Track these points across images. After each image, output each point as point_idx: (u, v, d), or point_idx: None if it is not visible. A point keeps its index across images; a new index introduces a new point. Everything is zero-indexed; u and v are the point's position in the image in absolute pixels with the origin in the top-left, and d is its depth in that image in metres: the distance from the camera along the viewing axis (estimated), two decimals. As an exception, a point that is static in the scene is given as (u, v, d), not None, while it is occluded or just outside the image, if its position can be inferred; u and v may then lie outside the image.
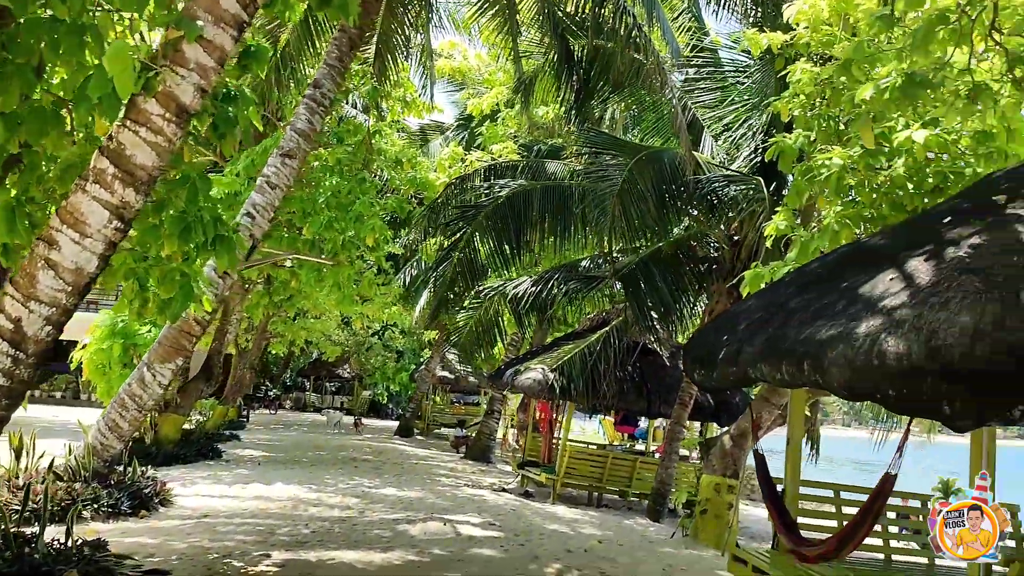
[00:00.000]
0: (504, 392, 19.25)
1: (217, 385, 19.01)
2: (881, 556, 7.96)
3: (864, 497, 9.83)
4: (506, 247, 13.18)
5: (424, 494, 12.84)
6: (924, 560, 8.15)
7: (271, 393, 41.32)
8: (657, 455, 15.79)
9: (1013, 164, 6.93)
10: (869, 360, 4.97)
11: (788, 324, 6.08)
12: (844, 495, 8.05)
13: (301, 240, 15.12)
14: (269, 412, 38.06)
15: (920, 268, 5.52)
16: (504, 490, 15.43)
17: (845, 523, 6.24)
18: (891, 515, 8.47)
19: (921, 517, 8.59)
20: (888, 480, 5.78)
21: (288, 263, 16.13)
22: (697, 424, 17.83)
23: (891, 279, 5.61)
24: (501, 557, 8.54)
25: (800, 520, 7.61)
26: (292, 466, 15.66)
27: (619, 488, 15.27)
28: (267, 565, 7.38)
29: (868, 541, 7.96)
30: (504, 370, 16.65)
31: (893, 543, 8.16)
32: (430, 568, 7.76)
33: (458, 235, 13.38)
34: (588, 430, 38.46)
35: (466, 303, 17.59)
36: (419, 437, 29.58)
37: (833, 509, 7.99)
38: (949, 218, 6.17)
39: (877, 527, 7.94)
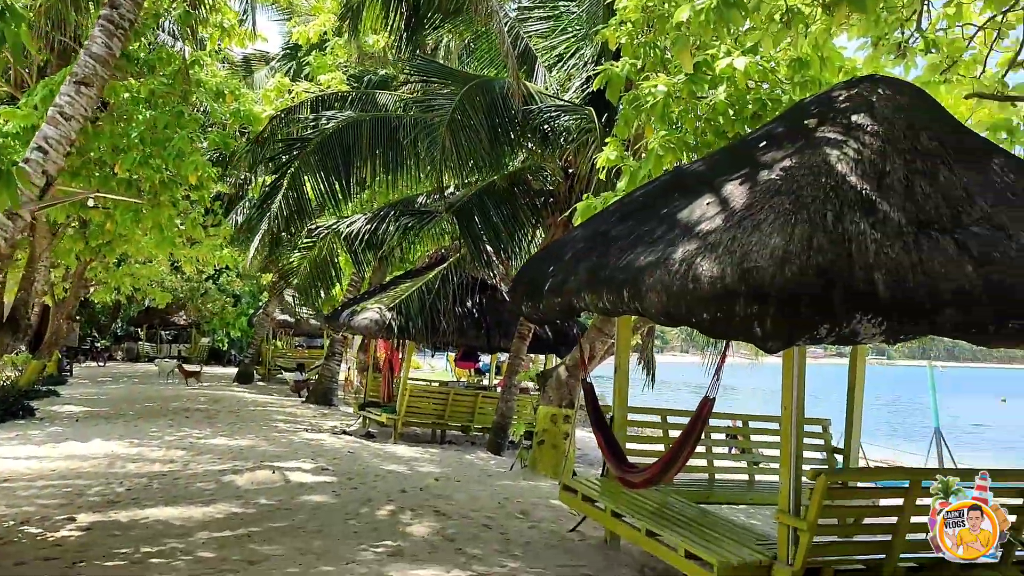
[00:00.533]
0: (343, 333, 18.77)
1: (29, 338, 17.49)
2: (706, 476, 8.22)
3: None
4: (336, 183, 12.58)
5: (257, 442, 12.33)
6: (745, 477, 8.50)
7: (98, 344, 38.89)
8: (500, 389, 15.85)
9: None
10: (684, 285, 4.92)
11: (609, 252, 6.00)
12: (672, 419, 8.22)
13: (116, 179, 13.93)
14: (98, 364, 35.86)
15: (735, 192, 5.52)
16: (345, 433, 15.10)
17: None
18: (721, 436, 8.67)
19: (743, 436, 8.93)
20: (706, 404, 5.86)
21: (98, 204, 14.87)
22: (542, 357, 18.03)
23: (708, 203, 5.59)
24: (332, 503, 8.26)
25: (631, 447, 7.72)
26: (115, 421, 14.71)
27: (462, 424, 15.25)
28: (70, 530, 6.80)
29: (696, 462, 8.22)
30: (341, 311, 16.18)
31: (721, 463, 8.45)
32: (255, 520, 7.39)
33: (283, 170, 12.65)
34: (438, 368, 38.55)
35: (299, 243, 16.89)
36: (260, 383, 28.65)
37: (661, 434, 8.15)
38: (764, 143, 6.21)
39: (702, 448, 8.18)
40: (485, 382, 30.80)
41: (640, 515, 6.32)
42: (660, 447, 7.86)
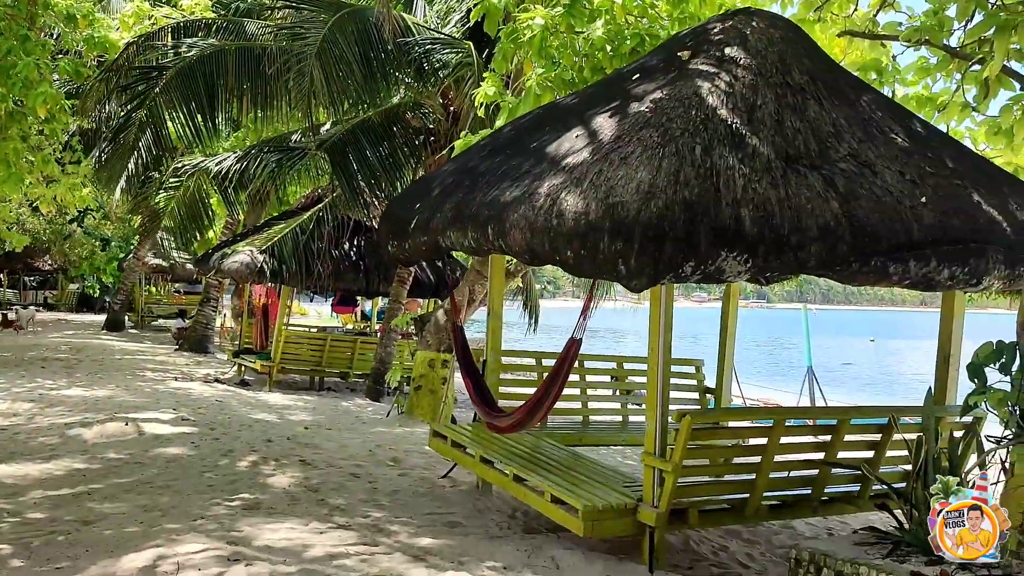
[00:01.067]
0: (218, 278, 17.94)
1: None
2: (580, 419, 8.13)
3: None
4: (199, 117, 11.77)
5: (117, 392, 11.60)
6: (619, 418, 8.45)
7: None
8: (379, 335, 15.46)
9: (700, 23, 6.83)
10: (548, 221, 4.67)
11: (476, 188, 5.68)
12: (547, 363, 8.05)
13: (-47, 110, 12.69)
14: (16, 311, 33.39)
15: (605, 125, 5.26)
16: (218, 381, 14.45)
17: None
18: (606, 379, 8.57)
19: (619, 378, 8.87)
20: (572, 345, 5.67)
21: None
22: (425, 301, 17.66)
23: (577, 136, 5.33)
24: (189, 455, 7.78)
25: (505, 391, 7.54)
26: (-45, 373, 13.59)
27: (340, 371, 14.83)
28: None
29: (570, 405, 8.11)
30: (212, 254, 15.39)
31: (596, 405, 8.37)
32: (98, 476, 6.86)
33: (140, 101, 11.74)
34: (325, 314, 37.60)
35: (166, 182, 15.93)
36: (132, 331, 27.29)
37: (536, 377, 7.98)
38: (638, 75, 5.98)
39: (576, 391, 8.07)
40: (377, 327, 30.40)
41: (509, 460, 6.14)
42: (534, 391, 7.71)
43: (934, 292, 5.24)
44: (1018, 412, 4.65)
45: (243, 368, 15.21)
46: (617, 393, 8.72)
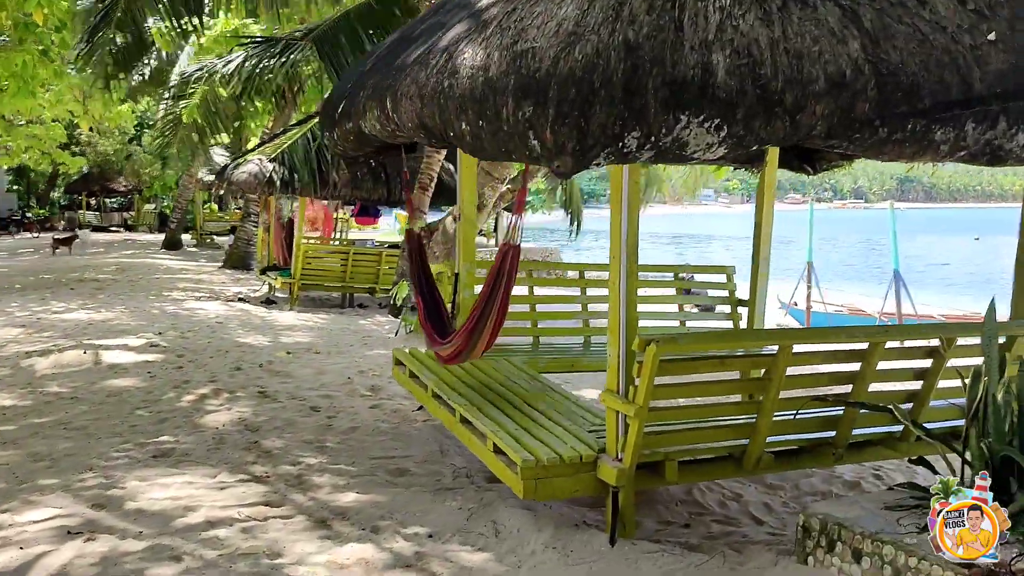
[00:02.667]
0: (231, 190, 16.97)
1: None
2: (580, 340, 6.91)
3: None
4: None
5: (119, 315, 10.91)
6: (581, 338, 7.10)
7: (30, 215, 36.95)
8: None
9: None
10: (440, 83, 3.40)
11: (400, 55, 4.40)
12: (539, 275, 6.85)
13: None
14: (32, 236, 34.05)
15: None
16: (242, 300, 13.71)
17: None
18: (576, 291, 7.20)
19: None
20: (507, 252, 4.44)
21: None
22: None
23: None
24: (135, 388, 6.92)
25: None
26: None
27: (368, 286, 13.87)
28: None
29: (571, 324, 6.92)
30: (227, 165, 14.49)
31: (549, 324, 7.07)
32: (17, 415, 6.06)
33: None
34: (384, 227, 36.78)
35: (181, 90, 15.00)
36: (191, 249, 27.08)
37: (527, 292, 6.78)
38: None
39: (577, 307, 6.86)
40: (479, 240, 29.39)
41: (460, 396, 5.02)
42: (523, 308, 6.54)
43: (1002, 167, 3.76)
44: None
45: (273, 286, 14.43)
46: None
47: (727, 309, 7.16)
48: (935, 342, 4.28)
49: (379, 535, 4.06)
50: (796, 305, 19.99)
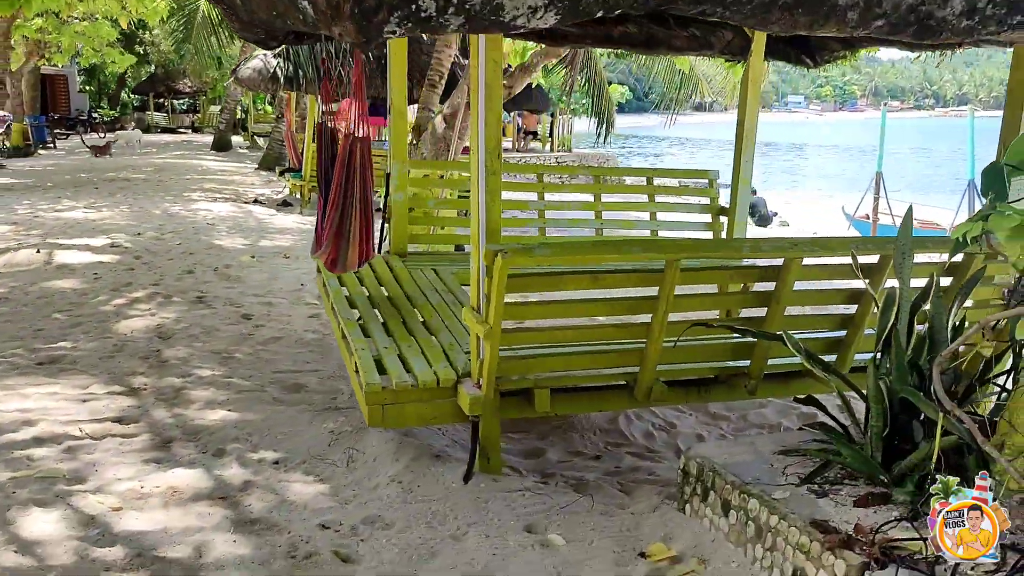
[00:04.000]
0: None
1: None
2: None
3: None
4: None
5: (115, 215, 10.73)
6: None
7: (95, 116, 37.46)
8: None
9: None
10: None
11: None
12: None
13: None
14: (99, 136, 34.56)
15: None
16: (257, 202, 13.45)
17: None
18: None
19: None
20: (352, 145, 3.86)
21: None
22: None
23: None
24: (70, 290, 6.64)
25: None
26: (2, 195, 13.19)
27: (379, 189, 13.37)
28: None
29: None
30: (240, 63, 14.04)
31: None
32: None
33: None
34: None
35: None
36: (242, 151, 27.02)
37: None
38: None
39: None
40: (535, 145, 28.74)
41: (353, 308, 4.55)
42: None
43: (935, 42, 2.98)
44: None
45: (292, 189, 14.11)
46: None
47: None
48: (875, 259, 3.59)
49: (219, 459, 3.67)
50: (867, 217, 18.90)
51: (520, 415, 3.69)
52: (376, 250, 5.76)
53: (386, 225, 5.96)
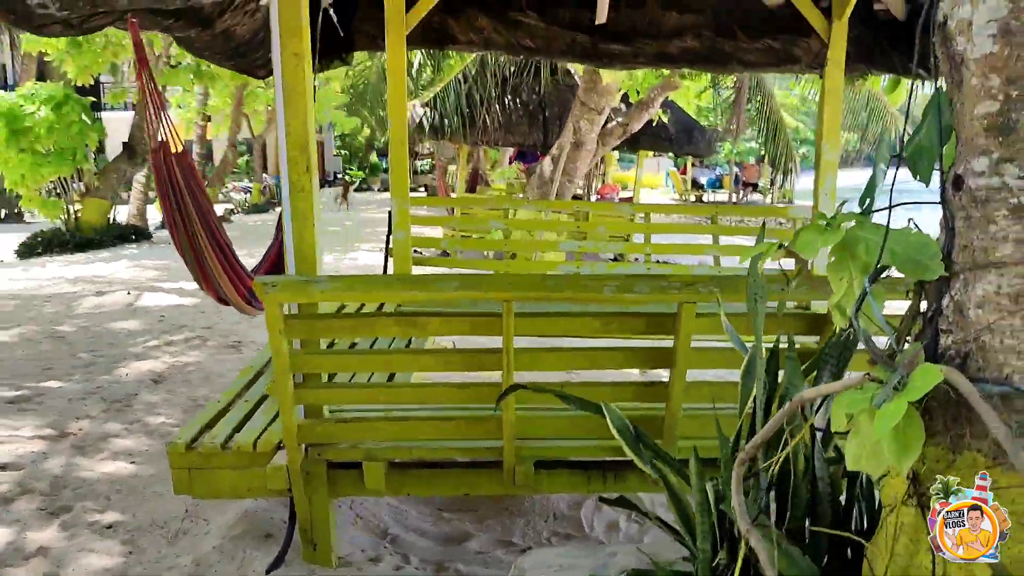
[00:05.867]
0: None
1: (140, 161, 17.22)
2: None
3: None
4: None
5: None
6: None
7: (343, 177, 40.58)
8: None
9: None
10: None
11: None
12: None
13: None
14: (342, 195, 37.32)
15: None
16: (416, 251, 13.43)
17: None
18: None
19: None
20: (165, 160, 3.32)
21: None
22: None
23: None
24: (122, 331, 6.68)
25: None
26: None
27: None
28: None
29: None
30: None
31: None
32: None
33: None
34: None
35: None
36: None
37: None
38: None
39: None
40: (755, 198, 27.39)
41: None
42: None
43: None
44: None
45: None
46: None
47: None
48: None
49: (51, 519, 3.29)
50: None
51: (356, 493, 2.95)
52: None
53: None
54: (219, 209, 24.34)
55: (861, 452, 1.51)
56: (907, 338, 1.60)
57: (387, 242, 5.36)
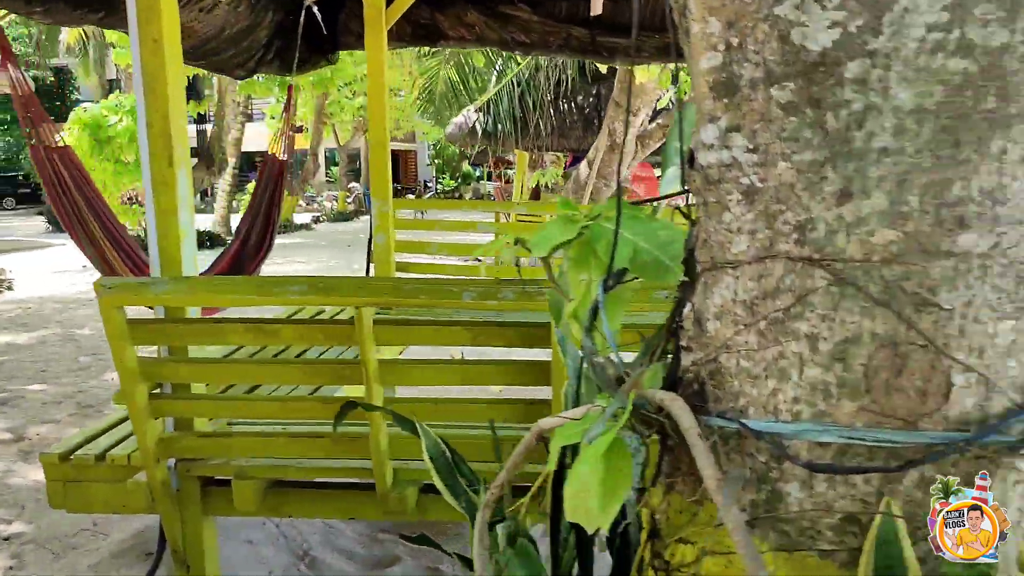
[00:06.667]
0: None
1: (217, 171, 17.65)
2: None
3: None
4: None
5: (315, 267, 11.11)
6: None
7: (432, 185, 41.17)
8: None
9: None
10: None
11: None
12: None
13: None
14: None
15: None
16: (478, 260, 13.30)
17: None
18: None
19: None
20: (46, 154, 3.15)
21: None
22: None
23: None
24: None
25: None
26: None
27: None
28: None
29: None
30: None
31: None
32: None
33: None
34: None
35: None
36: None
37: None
38: None
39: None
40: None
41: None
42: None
43: None
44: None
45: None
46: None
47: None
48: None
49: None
50: None
51: (228, 512, 2.73)
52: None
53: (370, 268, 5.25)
54: (306, 217, 24.84)
55: (578, 501, 1.19)
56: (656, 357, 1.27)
57: (369, 246, 5.17)
